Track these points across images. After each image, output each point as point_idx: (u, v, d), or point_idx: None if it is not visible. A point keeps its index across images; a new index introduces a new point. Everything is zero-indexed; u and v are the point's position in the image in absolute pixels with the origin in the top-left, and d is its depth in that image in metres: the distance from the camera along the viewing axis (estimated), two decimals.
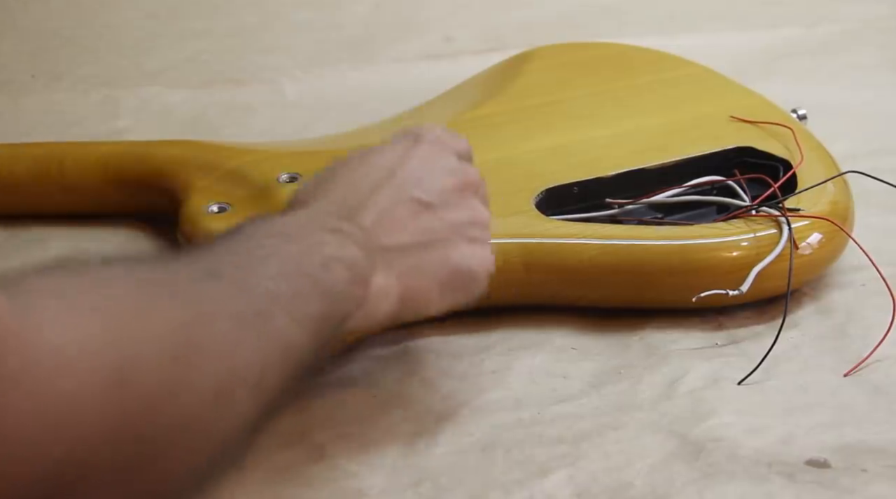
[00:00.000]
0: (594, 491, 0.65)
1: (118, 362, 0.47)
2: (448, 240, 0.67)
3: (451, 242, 0.67)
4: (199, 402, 0.51)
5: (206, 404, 0.51)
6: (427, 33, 1.18)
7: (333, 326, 0.61)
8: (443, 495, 0.65)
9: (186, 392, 0.50)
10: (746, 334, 0.78)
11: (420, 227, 0.67)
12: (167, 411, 0.49)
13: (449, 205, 0.68)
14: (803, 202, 0.81)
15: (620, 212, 0.85)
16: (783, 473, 0.66)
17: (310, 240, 0.61)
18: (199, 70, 1.12)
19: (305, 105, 1.10)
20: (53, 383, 0.45)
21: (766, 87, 0.96)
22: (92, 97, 1.08)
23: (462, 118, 0.92)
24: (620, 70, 0.98)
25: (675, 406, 0.72)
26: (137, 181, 0.89)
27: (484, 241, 0.69)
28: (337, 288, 0.61)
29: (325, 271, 0.60)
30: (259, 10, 1.18)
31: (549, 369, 0.76)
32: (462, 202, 0.69)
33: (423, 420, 0.71)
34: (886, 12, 1.25)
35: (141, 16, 1.15)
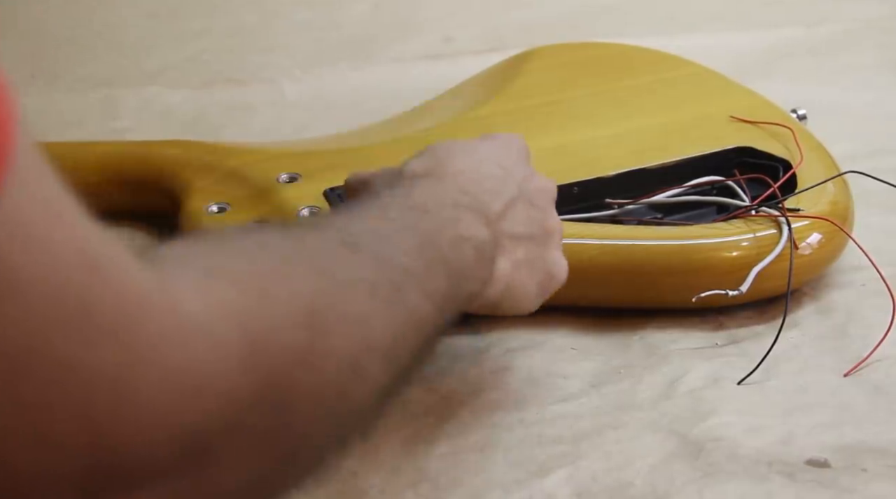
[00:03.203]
0: (594, 491, 0.65)
1: (254, 330, 0.48)
2: (548, 243, 0.70)
3: (549, 246, 0.70)
4: (333, 370, 0.51)
5: (341, 372, 0.51)
6: (426, 33, 1.19)
7: (457, 303, 0.62)
8: (442, 494, 0.65)
9: (321, 360, 0.50)
10: (746, 334, 0.78)
11: (533, 224, 0.69)
12: (302, 379, 0.49)
13: (547, 212, 0.71)
14: (803, 202, 0.81)
15: (620, 212, 0.85)
16: (783, 472, 0.66)
17: (444, 214, 0.63)
18: (199, 70, 1.12)
19: (305, 105, 1.10)
20: (190, 350, 0.45)
21: (766, 87, 0.96)
22: (92, 97, 1.08)
23: (462, 118, 0.92)
24: (620, 70, 0.98)
25: (675, 406, 0.72)
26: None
27: (561, 250, 0.72)
28: (465, 268, 0.62)
29: (456, 250, 0.62)
30: (259, 9, 1.18)
31: (549, 369, 0.76)
32: (552, 211, 0.71)
33: (423, 420, 0.71)
34: (887, 12, 1.25)
35: (141, 16, 1.15)
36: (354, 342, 0.53)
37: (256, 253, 0.53)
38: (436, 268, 0.60)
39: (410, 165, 0.68)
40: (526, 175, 0.71)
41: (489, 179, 0.68)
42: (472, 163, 0.68)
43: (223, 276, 0.49)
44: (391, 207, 0.62)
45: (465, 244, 0.63)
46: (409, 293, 0.57)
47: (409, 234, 0.60)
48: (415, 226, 0.61)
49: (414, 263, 0.58)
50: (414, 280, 0.58)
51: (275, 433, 0.49)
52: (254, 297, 0.49)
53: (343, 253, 0.55)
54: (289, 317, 0.50)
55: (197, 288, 0.47)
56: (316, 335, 0.50)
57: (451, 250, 0.61)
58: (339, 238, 0.56)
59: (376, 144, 0.90)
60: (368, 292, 0.54)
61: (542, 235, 0.70)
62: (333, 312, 0.52)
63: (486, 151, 0.71)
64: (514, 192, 0.69)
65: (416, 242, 0.59)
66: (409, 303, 0.57)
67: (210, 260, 0.51)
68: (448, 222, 0.62)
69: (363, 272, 0.55)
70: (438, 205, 0.63)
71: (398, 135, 0.91)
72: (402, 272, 0.57)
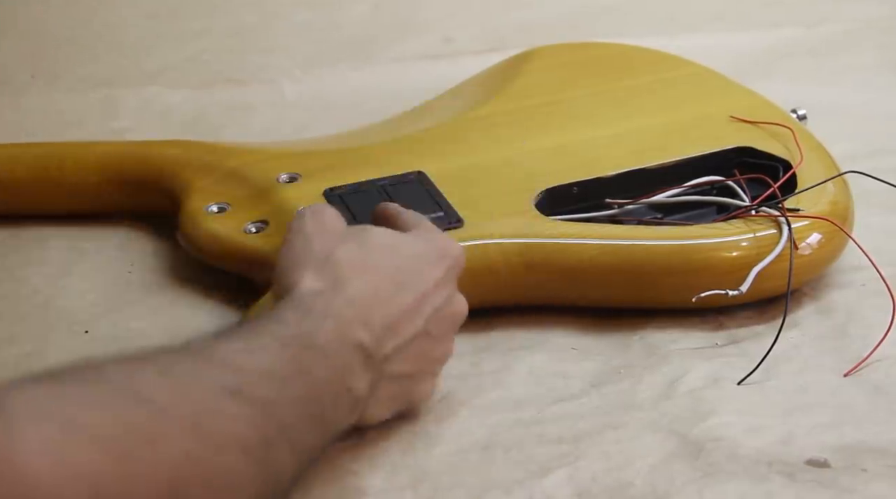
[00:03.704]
0: (594, 491, 0.65)
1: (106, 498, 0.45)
2: (427, 374, 0.68)
3: (427, 377, 0.68)
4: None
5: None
6: (426, 34, 1.18)
7: (319, 452, 0.60)
8: (442, 494, 0.65)
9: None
10: (746, 334, 0.78)
11: (420, 360, 0.67)
12: None
13: (445, 340, 0.68)
14: (803, 202, 0.81)
15: (620, 212, 0.85)
16: (783, 472, 0.66)
17: (340, 361, 0.60)
18: (199, 70, 1.12)
19: (305, 105, 1.10)
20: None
21: (766, 87, 0.96)
22: (92, 97, 1.08)
23: (462, 118, 0.92)
24: (620, 70, 0.98)
25: (675, 406, 0.72)
26: (137, 181, 0.89)
27: (438, 374, 0.69)
28: (338, 422, 0.61)
29: (335, 403, 0.60)
30: (259, 10, 1.18)
31: (549, 369, 0.76)
32: (450, 338, 0.69)
33: (423, 420, 0.71)
34: (887, 12, 1.25)
35: (141, 16, 1.15)
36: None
37: (125, 404, 0.49)
38: (312, 423, 0.58)
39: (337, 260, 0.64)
40: (441, 302, 0.67)
41: (397, 312, 0.64)
42: (388, 284, 0.65)
43: (81, 431, 0.46)
44: (291, 344, 0.58)
45: (347, 397, 0.61)
46: (279, 451, 0.55)
47: (299, 381, 0.57)
48: (307, 371, 0.58)
49: (293, 418, 0.56)
50: (287, 437, 0.55)
51: None
52: (113, 459, 0.46)
53: (223, 404, 0.52)
54: (148, 486, 0.47)
55: (48, 444, 0.44)
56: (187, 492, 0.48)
57: (332, 407, 0.60)
58: (225, 382, 0.53)
59: (376, 143, 0.90)
60: (241, 452, 0.52)
61: (424, 369, 0.67)
62: (199, 478, 0.49)
63: (411, 265, 0.66)
64: (418, 327, 0.65)
65: (303, 394, 0.57)
66: (277, 462, 0.54)
67: (71, 409, 0.47)
68: (339, 371, 0.60)
69: (240, 428, 0.53)
70: (338, 348, 0.60)
71: (398, 135, 0.91)
72: (279, 429, 0.55)
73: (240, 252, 0.81)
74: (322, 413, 0.59)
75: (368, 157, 0.87)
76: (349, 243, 0.66)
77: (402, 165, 0.85)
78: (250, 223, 0.82)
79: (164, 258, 0.87)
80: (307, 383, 0.57)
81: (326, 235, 0.66)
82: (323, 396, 0.59)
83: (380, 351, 0.63)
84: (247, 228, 0.82)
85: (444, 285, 0.68)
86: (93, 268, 0.86)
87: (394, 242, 0.67)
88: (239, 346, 0.57)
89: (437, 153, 0.87)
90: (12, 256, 0.87)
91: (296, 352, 0.58)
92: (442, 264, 0.68)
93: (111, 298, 0.83)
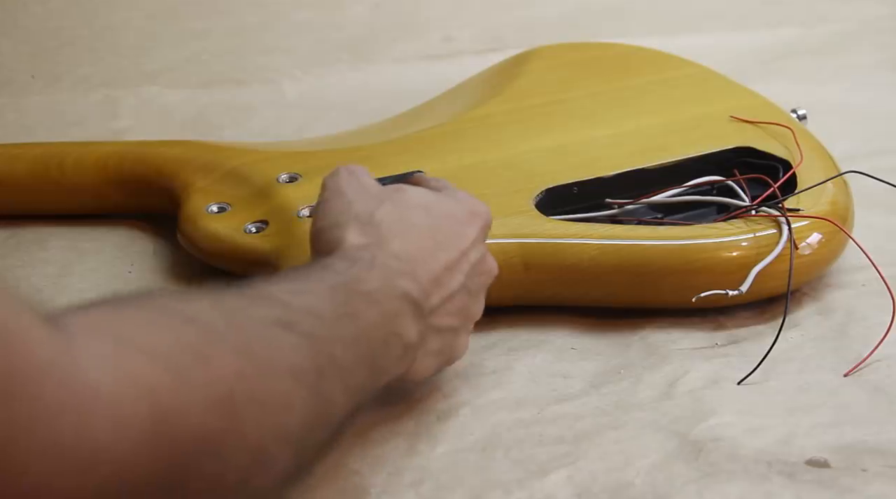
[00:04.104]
0: (594, 491, 0.65)
1: (164, 410, 0.46)
2: (463, 330, 0.69)
3: (463, 333, 0.69)
4: (241, 459, 0.50)
5: (248, 461, 0.50)
6: (427, 33, 1.19)
7: (369, 394, 0.61)
8: (443, 494, 0.65)
9: (230, 449, 0.49)
10: (746, 334, 0.78)
11: (462, 315, 0.68)
12: (206, 465, 0.48)
13: (478, 297, 0.70)
14: (803, 202, 0.81)
15: (620, 212, 0.85)
16: (783, 472, 0.66)
17: (388, 307, 0.61)
18: (199, 70, 1.12)
19: (305, 105, 1.10)
20: (86, 421, 0.44)
21: (766, 88, 0.96)
22: (92, 97, 1.08)
23: (462, 118, 0.92)
24: (621, 70, 0.98)
25: (675, 406, 0.72)
26: (137, 181, 0.89)
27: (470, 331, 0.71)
28: (389, 366, 0.62)
29: (385, 348, 0.61)
30: (259, 10, 1.18)
31: (549, 369, 0.76)
32: (482, 297, 0.71)
33: (423, 420, 0.71)
34: (886, 12, 1.25)
35: (141, 16, 1.15)
36: (268, 431, 0.51)
37: (180, 327, 0.50)
38: (362, 364, 0.59)
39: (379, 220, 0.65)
40: (477, 259, 0.69)
41: (440, 267, 0.66)
42: (429, 242, 0.66)
43: (139, 348, 0.47)
44: (340, 289, 0.59)
45: (396, 342, 0.62)
46: (331, 384, 0.55)
47: (349, 323, 0.58)
48: (356, 315, 0.59)
49: (344, 355, 0.57)
50: (339, 373, 0.56)
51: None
52: (169, 374, 0.47)
53: (275, 333, 0.53)
54: (204, 401, 0.48)
55: (106, 357, 0.46)
56: (229, 423, 0.49)
57: (382, 347, 0.60)
58: (275, 315, 0.54)
59: (376, 143, 0.90)
60: (292, 378, 0.53)
61: (463, 324, 0.69)
62: (251, 398, 0.50)
63: (448, 225, 0.68)
64: (460, 282, 0.67)
65: (352, 334, 0.58)
66: (328, 394, 0.55)
67: (128, 329, 0.48)
68: (388, 317, 0.61)
69: (291, 356, 0.53)
70: (386, 295, 0.61)
71: (398, 135, 0.91)
72: (330, 362, 0.56)
73: (240, 252, 0.81)
74: (372, 355, 0.59)
75: (368, 157, 0.87)
76: (387, 204, 0.67)
77: (402, 165, 0.85)
78: (250, 223, 0.82)
79: (164, 258, 0.87)
80: (357, 325, 0.59)
81: (365, 195, 0.68)
82: (373, 339, 0.60)
83: (427, 302, 0.64)
84: (247, 228, 0.82)
85: (478, 243, 0.69)
86: (93, 268, 0.86)
87: (427, 201, 0.69)
88: (288, 287, 0.58)
89: (437, 153, 0.87)
90: (12, 256, 0.87)
91: (344, 296, 0.59)
92: (475, 223, 0.70)
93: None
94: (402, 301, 0.62)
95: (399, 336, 0.62)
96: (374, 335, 0.60)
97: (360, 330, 0.59)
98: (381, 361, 0.61)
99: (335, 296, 0.59)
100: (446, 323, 0.67)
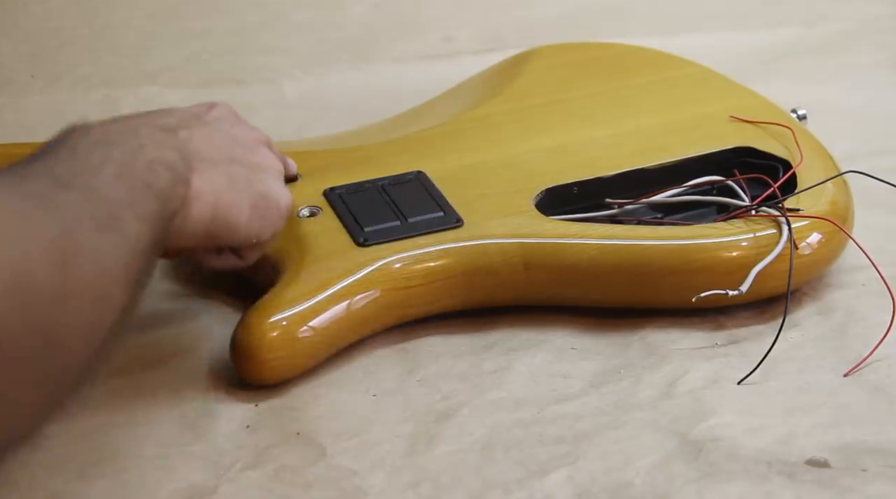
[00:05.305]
0: (594, 491, 0.65)
1: (14, 268, 0.52)
2: (255, 169, 0.72)
3: (256, 170, 0.72)
4: (86, 303, 0.56)
5: (92, 305, 0.56)
6: (427, 33, 1.18)
7: (166, 224, 0.64)
8: (443, 494, 0.65)
9: (74, 297, 0.55)
10: (746, 334, 0.78)
11: (230, 150, 0.72)
12: (61, 312, 0.54)
13: (254, 151, 0.74)
14: (803, 202, 0.81)
15: (620, 212, 0.85)
16: (783, 472, 0.66)
17: (131, 144, 0.64)
18: (199, 70, 1.12)
19: (305, 105, 1.10)
20: None
21: (766, 88, 0.96)
22: (92, 97, 1.08)
23: (462, 118, 0.92)
24: (621, 70, 0.98)
25: (675, 406, 0.72)
26: None
27: (282, 183, 0.75)
28: (164, 188, 0.64)
29: (152, 173, 0.64)
30: (259, 10, 1.18)
31: (549, 369, 0.76)
32: (262, 151, 0.75)
33: (423, 420, 0.71)
34: (886, 12, 1.25)
35: (141, 16, 1.15)
36: (98, 276, 0.57)
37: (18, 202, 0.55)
38: (141, 192, 0.62)
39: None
40: (225, 120, 0.75)
41: (178, 120, 0.70)
42: (158, 115, 0.70)
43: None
44: (79, 146, 0.62)
45: (159, 166, 0.64)
46: (128, 221, 0.60)
47: (108, 166, 0.61)
48: (108, 158, 0.62)
49: (122, 191, 0.61)
50: (127, 208, 0.60)
51: (42, 358, 0.54)
52: (5, 239, 0.53)
53: (63, 193, 0.58)
54: (41, 258, 0.54)
55: None
56: (66, 274, 0.55)
57: (150, 174, 0.63)
58: (53, 179, 0.59)
59: (376, 143, 0.90)
60: (96, 227, 0.58)
61: (248, 164, 0.72)
62: (73, 250, 0.56)
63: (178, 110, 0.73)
64: (211, 129, 0.71)
65: (116, 172, 0.61)
66: (130, 230, 0.60)
67: None
68: (136, 150, 0.64)
69: (85, 209, 0.58)
70: (120, 136, 0.64)
71: (398, 135, 0.91)
72: (116, 202, 0.60)
73: None
74: (145, 181, 0.63)
75: (368, 157, 0.87)
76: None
77: (402, 165, 0.85)
78: None
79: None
80: (113, 163, 0.62)
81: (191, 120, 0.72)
82: (134, 168, 0.63)
83: (165, 128, 0.68)
84: None
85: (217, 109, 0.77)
86: None
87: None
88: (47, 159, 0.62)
89: (437, 153, 0.87)
90: None
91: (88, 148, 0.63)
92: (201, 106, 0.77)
93: None
94: (135, 135, 0.65)
95: (158, 161, 0.65)
96: (134, 167, 0.63)
97: (120, 167, 0.62)
98: (158, 185, 0.64)
99: (77, 152, 0.62)
100: (213, 154, 0.70)
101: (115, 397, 0.72)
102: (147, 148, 0.65)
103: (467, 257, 0.78)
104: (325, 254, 0.78)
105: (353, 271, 0.76)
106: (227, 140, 0.72)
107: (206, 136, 0.71)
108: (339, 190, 0.83)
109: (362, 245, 0.78)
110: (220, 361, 0.75)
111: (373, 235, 0.79)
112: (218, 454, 0.68)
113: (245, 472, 0.67)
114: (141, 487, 0.66)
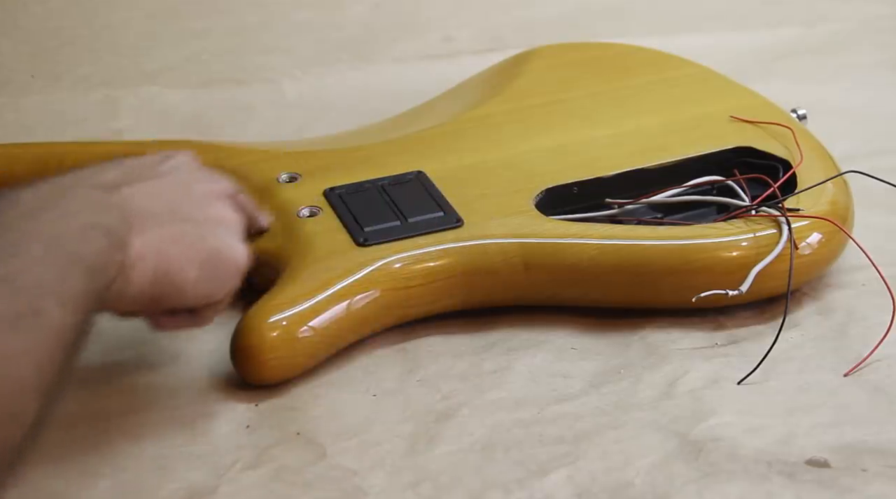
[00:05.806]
0: (594, 491, 0.65)
1: None
2: (208, 224, 0.68)
3: (209, 226, 0.68)
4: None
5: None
6: (427, 33, 1.18)
7: (97, 298, 0.59)
8: (443, 494, 0.65)
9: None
10: (746, 334, 0.78)
11: (179, 204, 0.67)
12: None
13: (209, 204, 0.69)
14: (803, 202, 0.81)
15: (620, 212, 0.85)
16: (783, 472, 0.66)
17: (63, 210, 0.59)
18: (199, 70, 1.12)
19: (305, 105, 1.10)
20: None
21: (766, 88, 0.96)
22: (92, 97, 1.08)
23: (462, 118, 0.92)
24: (621, 70, 0.98)
25: (675, 406, 0.72)
26: None
27: (239, 239, 0.69)
28: (97, 259, 0.59)
29: (84, 243, 0.58)
30: (259, 10, 1.18)
31: (549, 369, 0.76)
32: (217, 204, 0.69)
33: (423, 420, 0.71)
34: (886, 12, 1.25)
35: (141, 16, 1.15)
36: (9, 392, 0.51)
37: None
38: (69, 270, 0.57)
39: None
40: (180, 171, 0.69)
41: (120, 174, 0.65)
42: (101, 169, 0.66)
43: None
44: (2, 221, 0.57)
45: (94, 233, 0.59)
46: (49, 311, 0.54)
47: (32, 243, 0.56)
48: (33, 233, 0.57)
49: (46, 273, 0.55)
50: (50, 293, 0.55)
51: None
52: None
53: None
54: None
55: None
56: None
57: (82, 245, 0.58)
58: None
59: (376, 143, 0.90)
60: (9, 328, 0.52)
61: (196, 216, 0.67)
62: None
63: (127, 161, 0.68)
64: (145, 169, 0.67)
65: (42, 249, 0.56)
66: (51, 322, 0.54)
67: None
68: (69, 216, 0.59)
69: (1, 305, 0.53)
70: (52, 201, 0.59)
71: (398, 135, 0.91)
72: (37, 289, 0.54)
73: None
74: (76, 254, 0.57)
75: (368, 157, 0.87)
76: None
77: (402, 165, 0.85)
78: None
79: None
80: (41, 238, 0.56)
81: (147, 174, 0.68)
82: (64, 240, 0.57)
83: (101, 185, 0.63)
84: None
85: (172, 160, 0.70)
86: None
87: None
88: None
89: (437, 153, 0.87)
90: None
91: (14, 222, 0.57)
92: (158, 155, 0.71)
93: None
94: (68, 198, 0.60)
95: (93, 226, 0.60)
96: (65, 237, 0.58)
97: (48, 241, 0.57)
98: (90, 258, 0.58)
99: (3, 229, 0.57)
100: (155, 207, 0.64)
101: (114, 397, 0.72)
102: (81, 213, 0.59)
103: (467, 257, 0.78)
104: (325, 254, 0.78)
105: (353, 271, 0.76)
106: (178, 194, 0.67)
107: (153, 191, 0.66)
108: (339, 190, 0.83)
109: (362, 245, 0.78)
110: (220, 362, 0.75)
111: (373, 235, 0.79)
112: (218, 454, 0.68)
113: (245, 472, 0.67)
114: (141, 487, 0.66)
